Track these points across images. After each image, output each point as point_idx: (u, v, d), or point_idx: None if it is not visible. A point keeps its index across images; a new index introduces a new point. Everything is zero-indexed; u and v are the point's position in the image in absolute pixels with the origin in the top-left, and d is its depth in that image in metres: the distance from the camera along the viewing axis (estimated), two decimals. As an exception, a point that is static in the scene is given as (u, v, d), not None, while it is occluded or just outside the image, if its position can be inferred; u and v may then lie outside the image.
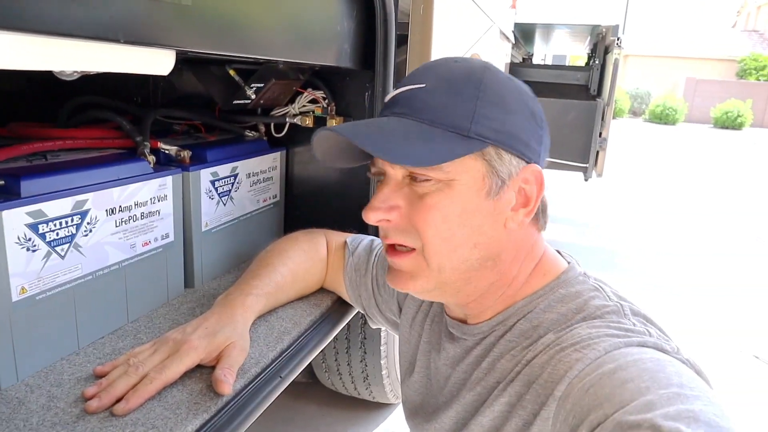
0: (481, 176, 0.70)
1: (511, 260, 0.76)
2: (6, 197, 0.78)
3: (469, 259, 0.73)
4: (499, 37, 2.93)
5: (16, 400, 0.78)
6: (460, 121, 0.69)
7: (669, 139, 15.52)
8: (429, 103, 0.70)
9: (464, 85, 0.71)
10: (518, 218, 0.73)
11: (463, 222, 0.71)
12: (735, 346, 3.19)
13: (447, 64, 0.75)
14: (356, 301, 1.13)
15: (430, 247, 0.72)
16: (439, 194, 0.70)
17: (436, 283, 0.75)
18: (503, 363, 0.73)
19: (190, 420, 0.77)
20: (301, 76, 1.35)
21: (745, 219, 6.42)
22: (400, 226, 0.73)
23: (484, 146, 0.69)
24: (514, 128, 0.70)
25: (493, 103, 0.70)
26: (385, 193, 0.73)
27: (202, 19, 0.78)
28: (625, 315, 0.68)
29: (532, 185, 0.73)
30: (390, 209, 0.73)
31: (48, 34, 0.57)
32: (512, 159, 0.71)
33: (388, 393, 2.06)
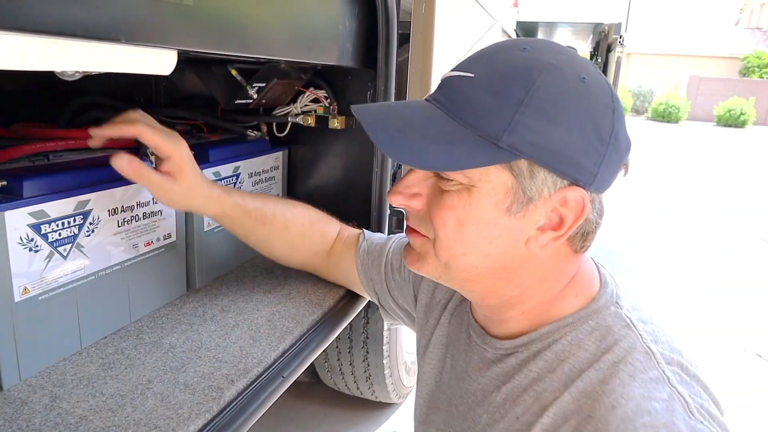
0: (505, 189, 0.64)
1: (535, 279, 0.70)
2: (8, 198, 0.78)
3: (478, 266, 0.70)
4: (501, 35, 2.93)
5: (19, 400, 0.78)
6: (494, 127, 0.61)
7: (672, 138, 15.48)
8: (468, 98, 0.64)
9: (512, 85, 0.61)
10: (542, 240, 0.67)
11: (476, 230, 0.67)
12: (738, 345, 3.19)
13: (509, 53, 0.66)
14: (368, 286, 1.11)
15: (441, 242, 0.69)
16: (458, 196, 0.66)
17: (442, 274, 0.73)
18: (526, 398, 0.69)
19: (192, 420, 0.77)
20: (303, 75, 1.35)
21: (748, 218, 6.40)
22: (420, 214, 0.72)
23: (514, 158, 0.62)
24: (561, 144, 0.61)
25: (540, 112, 0.60)
26: (411, 179, 0.71)
27: (203, 18, 0.78)
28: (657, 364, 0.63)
29: (570, 210, 0.65)
30: (412, 196, 0.71)
31: (50, 34, 0.57)
32: (549, 177, 0.63)
33: (390, 392, 2.06)
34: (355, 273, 1.12)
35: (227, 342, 0.99)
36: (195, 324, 1.04)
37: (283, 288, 1.23)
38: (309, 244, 1.16)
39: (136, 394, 0.81)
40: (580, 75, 0.63)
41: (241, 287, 1.22)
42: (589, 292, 0.72)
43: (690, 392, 0.61)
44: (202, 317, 1.07)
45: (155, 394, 0.82)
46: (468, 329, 0.83)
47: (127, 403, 0.79)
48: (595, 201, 0.67)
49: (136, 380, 0.85)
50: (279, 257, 1.18)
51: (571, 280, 0.72)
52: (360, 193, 1.38)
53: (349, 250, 1.13)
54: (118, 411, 0.77)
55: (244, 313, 1.10)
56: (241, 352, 0.96)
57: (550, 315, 0.71)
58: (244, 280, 1.26)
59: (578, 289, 0.72)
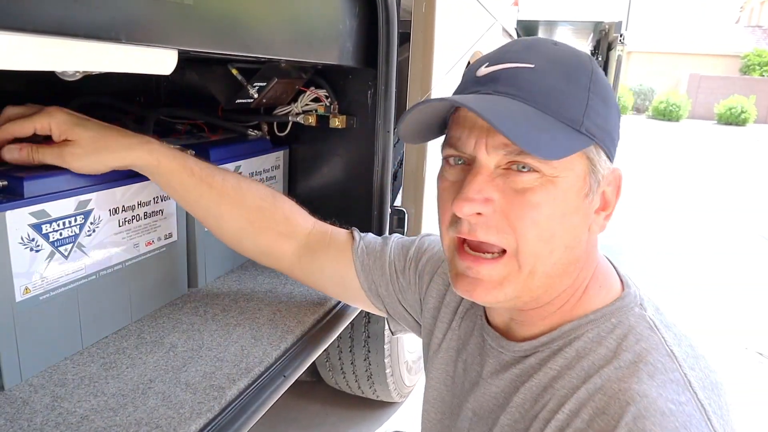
0: (584, 175, 0.65)
1: (583, 265, 0.70)
2: (9, 198, 0.78)
3: (559, 263, 0.67)
4: (501, 34, 2.92)
5: (20, 400, 0.78)
6: (574, 112, 0.63)
7: (672, 136, 15.47)
8: (540, 86, 0.63)
9: (578, 72, 0.64)
10: (600, 222, 0.69)
11: (564, 223, 0.65)
12: (738, 344, 3.19)
13: (549, 45, 0.68)
14: (371, 290, 1.00)
15: (528, 247, 0.64)
16: (542, 191, 0.63)
17: (523, 289, 0.67)
18: (545, 397, 0.68)
19: (193, 419, 0.77)
20: (304, 74, 1.35)
21: (748, 216, 6.39)
22: (492, 222, 0.65)
23: (592, 143, 0.64)
24: (612, 126, 0.66)
25: (600, 97, 0.65)
26: (480, 182, 0.64)
27: (204, 18, 0.78)
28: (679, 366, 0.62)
29: (612, 187, 0.69)
30: (486, 201, 0.64)
31: (50, 34, 0.57)
32: (605, 159, 0.66)
33: (392, 392, 2.06)
34: (351, 276, 1.00)
35: (228, 341, 0.99)
36: (196, 323, 1.04)
37: (284, 287, 1.23)
38: (270, 223, 1.01)
39: (137, 394, 0.81)
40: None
41: (242, 287, 1.22)
42: (611, 287, 0.72)
43: (710, 399, 0.60)
44: (203, 317, 1.07)
45: (156, 394, 0.82)
46: (481, 333, 0.81)
47: (128, 402, 0.79)
48: None
49: (137, 380, 0.85)
50: (234, 236, 1.02)
51: (594, 270, 0.72)
52: (361, 192, 1.38)
53: (342, 251, 1.01)
54: (120, 410, 0.77)
55: (245, 312, 1.10)
56: (243, 351, 0.96)
57: (574, 312, 0.71)
58: (245, 280, 1.26)
59: (602, 280, 0.72)
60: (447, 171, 0.70)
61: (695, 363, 0.64)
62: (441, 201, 0.71)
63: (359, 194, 1.38)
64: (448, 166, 0.70)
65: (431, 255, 0.96)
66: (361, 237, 1.03)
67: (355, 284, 1.01)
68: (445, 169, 0.71)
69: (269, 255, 1.05)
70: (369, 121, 1.33)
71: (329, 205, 1.37)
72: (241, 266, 1.34)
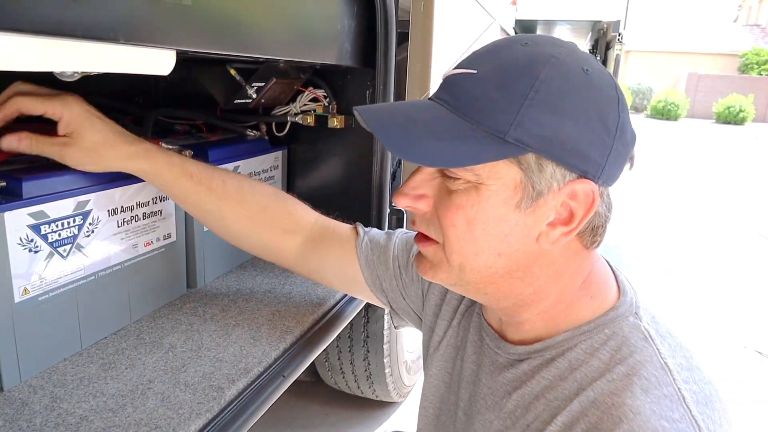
0: (514, 185, 0.63)
1: (549, 276, 0.69)
2: (8, 198, 0.78)
3: (492, 266, 0.67)
4: (500, 33, 2.92)
5: (19, 401, 0.78)
6: (499, 122, 0.60)
7: (671, 135, 15.48)
8: (471, 95, 0.63)
9: (516, 79, 0.61)
10: (553, 236, 0.65)
11: (486, 229, 0.65)
12: (738, 343, 3.19)
13: (512, 48, 0.65)
14: (374, 284, 1.00)
15: (450, 245, 0.67)
16: (466, 195, 0.64)
17: (457, 279, 0.70)
18: (537, 406, 0.68)
19: (193, 420, 0.77)
20: (302, 74, 1.35)
21: (747, 215, 6.40)
22: (426, 217, 0.70)
23: (522, 153, 0.61)
24: (568, 136, 0.60)
25: (546, 104, 0.60)
26: (417, 180, 0.69)
27: (202, 18, 0.78)
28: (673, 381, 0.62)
29: (580, 203, 0.64)
30: (418, 198, 0.69)
31: (48, 34, 0.57)
32: (557, 171, 0.62)
33: (391, 392, 2.06)
34: (355, 270, 1.01)
35: (227, 342, 0.99)
36: (195, 324, 1.04)
37: (283, 287, 1.23)
38: (274, 219, 1.02)
39: (136, 394, 0.81)
40: (583, 67, 0.62)
41: (241, 287, 1.22)
42: (606, 297, 0.71)
43: (703, 414, 0.60)
44: (202, 317, 1.07)
45: (156, 394, 0.82)
46: (480, 331, 0.82)
47: (127, 403, 0.79)
48: (603, 194, 0.66)
49: (136, 380, 0.85)
50: (238, 235, 1.03)
51: (586, 279, 0.70)
52: (359, 191, 1.38)
53: (345, 245, 1.02)
54: (119, 411, 0.77)
55: (244, 312, 1.10)
56: (242, 351, 0.96)
57: (567, 321, 0.70)
58: (245, 280, 1.26)
59: (594, 290, 0.70)
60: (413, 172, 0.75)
61: (689, 376, 0.63)
62: None
63: (358, 194, 1.38)
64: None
65: None
66: (365, 232, 1.03)
67: (359, 278, 1.01)
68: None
69: (273, 251, 1.05)
70: (368, 121, 1.33)
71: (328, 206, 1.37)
72: (240, 266, 1.34)
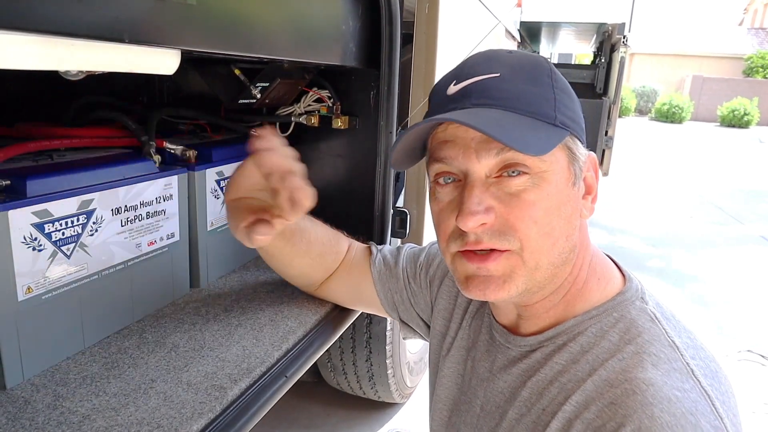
0: (567, 165, 0.69)
1: (579, 252, 0.73)
2: (12, 197, 0.78)
3: (562, 252, 0.70)
4: (504, 35, 2.92)
5: (22, 399, 0.78)
6: (547, 109, 0.67)
7: (675, 138, 15.45)
8: (511, 92, 0.67)
9: (539, 73, 0.69)
10: (588, 206, 0.73)
11: (560, 214, 0.68)
12: (738, 345, 3.18)
13: (505, 54, 0.72)
14: (386, 298, 1.06)
15: (531, 244, 0.67)
16: (536, 189, 0.66)
17: (530, 282, 0.70)
18: (551, 390, 0.69)
19: (195, 419, 0.77)
20: (306, 75, 1.35)
21: (749, 217, 6.38)
22: (495, 228, 0.67)
23: (567, 134, 0.68)
24: (579, 116, 0.71)
25: (564, 92, 0.70)
26: (478, 194, 0.67)
27: (207, 18, 0.78)
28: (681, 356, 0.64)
29: (593, 173, 0.74)
30: (487, 211, 0.67)
31: (53, 34, 0.57)
32: (580, 146, 0.71)
33: (393, 392, 2.06)
34: (369, 285, 1.07)
35: (230, 341, 0.99)
36: (198, 323, 1.04)
37: (286, 288, 1.23)
38: (325, 262, 1.11)
39: (139, 393, 0.81)
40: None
41: (244, 287, 1.22)
42: (611, 279, 0.75)
43: (712, 386, 0.62)
44: (205, 317, 1.07)
45: (158, 394, 0.82)
46: (490, 330, 0.84)
47: (130, 402, 0.79)
48: None
49: (139, 379, 0.85)
50: (293, 276, 1.15)
51: (591, 262, 0.75)
52: (363, 192, 1.38)
53: (362, 264, 1.09)
54: (121, 410, 0.77)
55: (247, 312, 1.10)
56: (244, 351, 0.96)
57: (576, 307, 0.73)
58: (247, 280, 1.26)
59: (600, 272, 0.75)
60: (439, 192, 0.72)
61: (695, 353, 0.66)
62: (440, 220, 0.73)
63: (362, 194, 1.38)
64: (439, 186, 0.72)
65: (441, 260, 1.00)
66: (378, 250, 1.11)
67: (372, 293, 1.08)
68: (436, 191, 0.73)
69: (311, 283, 1.16)
70: (371, 122, 1.33)
71: (332, 206, 1.37)
72: (243, 267, 1.34)
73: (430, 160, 0.73)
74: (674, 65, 26.96)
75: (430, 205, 0.76)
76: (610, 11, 5.19)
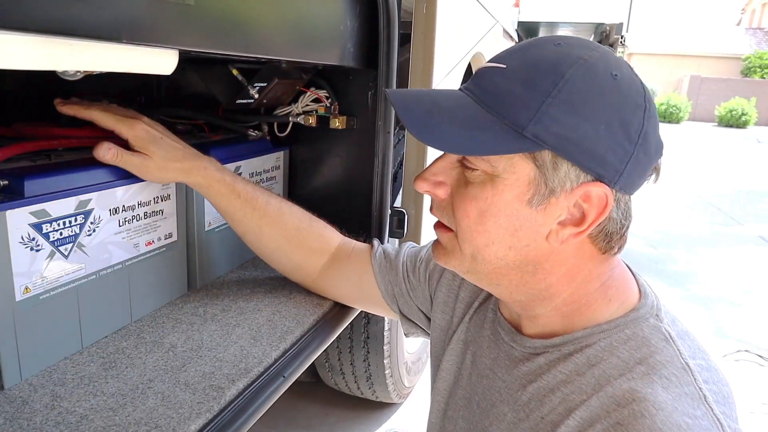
0: (527, 181, 0.64)
1: (561, 275, 0.70)
2: (10, 197, 0.78)
3: (503, 258, 0.69)
4: (502, 35, 2.92)
5: (20, 399, 0.78)
6: (519, 116, 0.62)
7: (673, 138, 15.46)
8: (498, 88, 0.65)
9: (542, 77, 0.62)
10: (563, 235, 0.66)
11: (498, 222, 0.67)
12: (738, 346, 3.19)
13: (543, 47, 0.66)
14: (387, 291, 1.07)
15: (462, 234, 0.70)
16: (481, 187, 0.67)
17: (470, 268, 0.73)
18: (552, 399, 0.68)
19: (192, 419, 0.77)
20: (304, 75, 1.35)
21: (748, 217, 6.39)
22: (443, 204, 0.73)
23: (537, 149, 0.62)
24: (586, 137, 0.61)
25: (567, 105, 0.61)
26: (438, 167, 0.72)
27: (205, 18, 0.78)
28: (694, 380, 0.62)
29: (592, 206, 0.65)
30: (437, 184, 0.72)
31: (51, 33, 0.57)
32: (572, 171, 0.63)
33: (391, 392, 2.06)
34: (370, 279, 1.08)
35: (228, 341, 0.99)
36: (196, 323, 1.04)
37: (284, 288, 1.23)
38: (306, 240, 1.13)
39: (136, 394, 0.81)
40: (612, 72, 0.63)
41: (242, 287, 1.22)
42: (626, 299, 0.71)
43: (725, 415, 0.60)
44: (202, 317, 1.07)
45: (156, 394, 0.82)
46: (494, 326, 0.83)
47: (127, 402, 0.79)
48: (620, 201, 0.67)
49: (136, 379, 0.85)
50: (271, 252, 1.14)
51: (604, 284, 0.71)
52: (361, 192, 1.38)
53: (362, 259, 1.11)
54: (119, 410, 0.77)
55: (244, 312, 1.10)
56: (242, 351, 0.96)
57: (584, 319, 0.70)
58: (245, 280, 1.26)
59: (611, 294, 0.71)
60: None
61: (709, 376, 0.64)
62: None
63: (359, 195, 1.38)
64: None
65: None
66: (379, 244, 1.12)
67: (373, 287, 1.09)
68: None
69: (301, 269, 1.17)
70: (369, 122, 1.33)
71: (329, 206, 1.37)
72: (241, 267, 1.34)
73: None
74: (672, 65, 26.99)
75: None
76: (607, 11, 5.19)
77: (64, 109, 0.96)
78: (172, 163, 0.98)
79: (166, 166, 0.97)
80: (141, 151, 0.95)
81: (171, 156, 0.98)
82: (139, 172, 0.96)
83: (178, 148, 0.99)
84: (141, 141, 0.95)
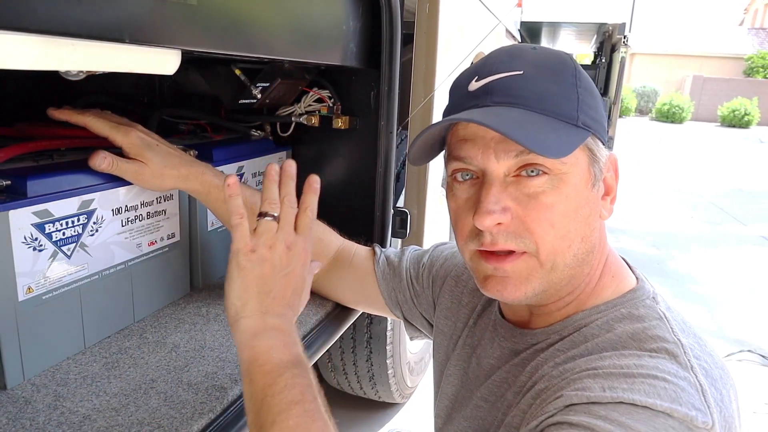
0: (587, 167, 0.68)
1: (596, 252, 0.73)
2: (12, 197, 0.78)
3: (578, 254, 0.69)
4: (505, 35, 2.93)
5: (23, 399, 0.78)
6: (569, 109, 0.66)
7: (676, 138, 15.44)
8: (533, 91, 0.66)
9: (562, 71, 0.68)
10: (607, 207, 0.72)
11: (577, 216, 0.68)
12: (739, 345, 3.18)
13: (529, 51, 0.71)
14: (390, 298, 1.06)
15: (547, 246, 0.67)
16: (554, 191, 0.66)
17: (547, 283, 0.70)
18: (546, 369, 0.70)
19: (195, 419, 0.77)
20: (307, 75, 1.35)
21: (749, 217, 6.38)
22: (511, 229, 0.67)
23: (589, 135, 0.67)
24: (601, 116, 0.70)
25: (588, 91, 0.69)
26: (495, 193, 0.66)
27: (207, 18, 0.78)
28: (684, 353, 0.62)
29: (612, 173, 0.73)
30: (504, 210, 0.66)
31: (54, 34, 0.57)
32: (602, 148, 0.70)
33: (393, 392, 2.06)
34: (373, 285, 1.08)
35: (231, 342, 0.99)
36: (198, 323, 1.04)
37: (286, 288, 1.22)
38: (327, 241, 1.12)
39: (139, 394, 0.81)
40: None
41: (244, 287, 1.22)
42: (624, 278, 0.75)
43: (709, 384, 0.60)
44: (205, 317, 1.07)
45: (159, 394, 0.82)
46: (495, 328, 0.84)
47: (130, 402, 0.79)
48: None
49: (139, 379, 0.85)
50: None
51: (606, 261, 0.75)
52: (363, 192, 1.38)
53: (364, 265, 1.10)
54: (122, 410, 0.77)
55: (247, 312, 1.10)
56: (245, 351, 0.96)
57: (587, 302, 0.73)
58: (248, 280, 1.26)
59: (614, 270, 0.75)
60: (457, 189, 0.73)
61: (701, 354, 0.65)
62: (457, 217, 0.73)
63: (362, 195, 1.38)
64: (457, 183, 0.73)
65: (444, 261, 1.02)
66: (382, 251, 1.11)
67: (376, 293, 1.08)
68: (454, 187, 0.73)
69: None
70: (372, 122, 1.33)
71: (332, 206, 1.37)
72: (243, 266, 1.34)
73: (449, 158, 0.73)
74: (674, 65, 26.96)
75: (447, 202, 0.76)
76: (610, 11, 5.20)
77: (57, 114, 0.95)
78: (169, 170, 0.97)
79: (163, 173, 0.96)
80: (136, 158, 0.94)
81: (167, 162, 0.97)
82: (135, 180, 0.95)
83: (174, 155, 0.98)
84: (136, 148, 0.94)
